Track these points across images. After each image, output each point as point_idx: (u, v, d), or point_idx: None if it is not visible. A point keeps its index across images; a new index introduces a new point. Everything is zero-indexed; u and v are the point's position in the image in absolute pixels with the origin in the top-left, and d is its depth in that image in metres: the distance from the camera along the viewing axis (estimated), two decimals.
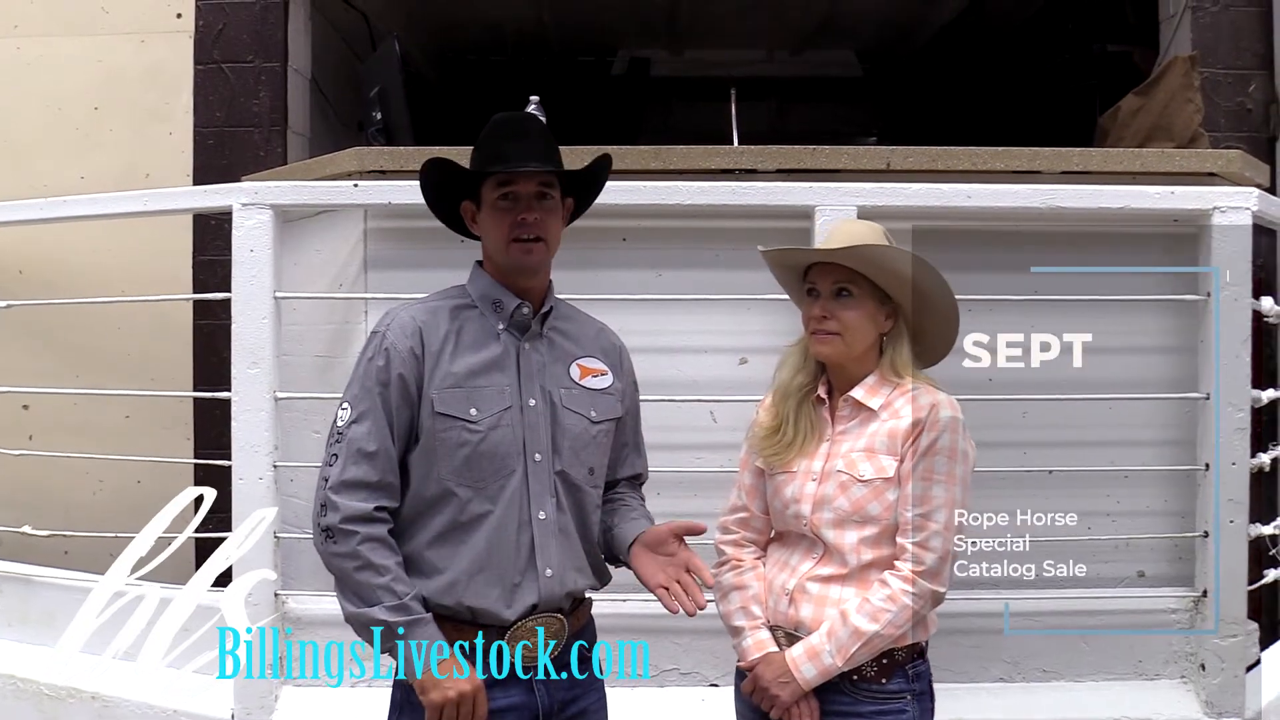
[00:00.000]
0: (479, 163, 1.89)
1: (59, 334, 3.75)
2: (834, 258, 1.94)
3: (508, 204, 1.87)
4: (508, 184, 1.86)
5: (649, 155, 2.85)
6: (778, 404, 2.02)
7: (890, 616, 1.86)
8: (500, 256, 1.89)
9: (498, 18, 5.64)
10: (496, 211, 1.87)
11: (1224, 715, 2.76)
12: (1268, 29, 3.78)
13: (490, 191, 1.88)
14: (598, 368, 1.96)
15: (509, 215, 1.86)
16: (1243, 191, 2.83)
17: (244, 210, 2.78)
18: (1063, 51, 5.28)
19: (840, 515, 1.92)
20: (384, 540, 1.81)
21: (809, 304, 1.99)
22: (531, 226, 1.86)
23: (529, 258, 1.87)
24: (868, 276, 1.94)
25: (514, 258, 1.87)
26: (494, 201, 1.87)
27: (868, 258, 1.92)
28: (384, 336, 1.86)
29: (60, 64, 3.88)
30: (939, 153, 2.89)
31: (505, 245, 1.87)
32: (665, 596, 1.84)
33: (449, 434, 1.83)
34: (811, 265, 2.00)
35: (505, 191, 1.87)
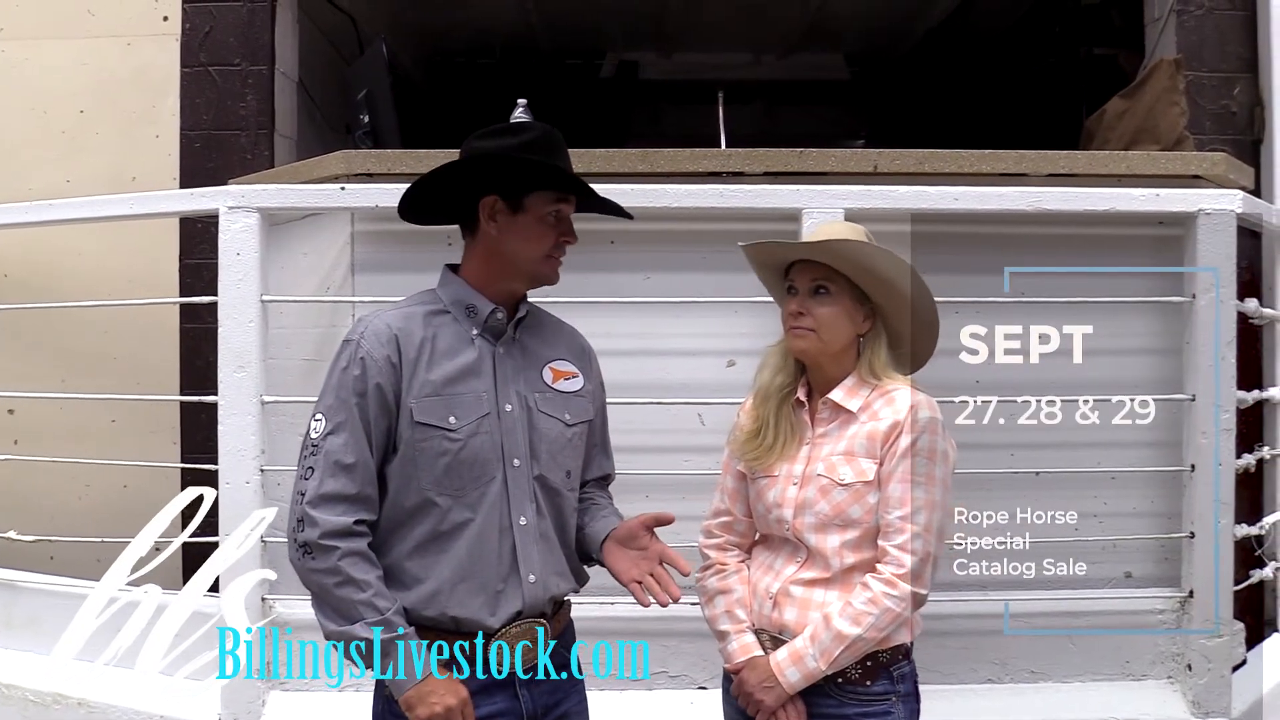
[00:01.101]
0: (547, 172, 1.87)
1: (45, 338, 3.73)
2: (811, 253, 1.96)
3: (554, 220, 1.88)
4: (562, 204, 1.89)
5: (636, 158, 2.85)
6: (758, 406, 2.02)
7: (872, 620, 1.86)
8: (530, 265, 1.89)
9: (486, 21, 5.64)
10: (544, 225, 1.88)
11: (1210, 715, 2.77)
12: (1252, 32, 3.80)
13: (545, 204, 1.87)
14: (569, 370, 1.96)
15: (555, 230, 1.88)
16: (1227, 194, 2.85)
17: (230, 213, 2.78)
18: (1049, 55, 5.30)
19: (822, 519, 1.92)
20: (364, 554, 1.78)
21: (787, 301, 2.00)
22: (567, 247, 1.91)
23: (556, 274, 1.91)
24: (846, 275, 1.94)
25: (548, 271, 1.90)
26: (545, 214, 1.87)
27: (845, 254, 1.93)
28: (359, 345, 1.83)
29: (46, 67, 3.86)
30: (926, 155, 2.90)
31: (544, 257, 1.88)
32: (639, 591, 1.84)
33: (429, 443, 1.81)
34: (792, 264, 2.00)
35: (559, 210, 1.88)
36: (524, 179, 1.87)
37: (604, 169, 2.81)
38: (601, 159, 2.86)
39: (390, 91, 3.36)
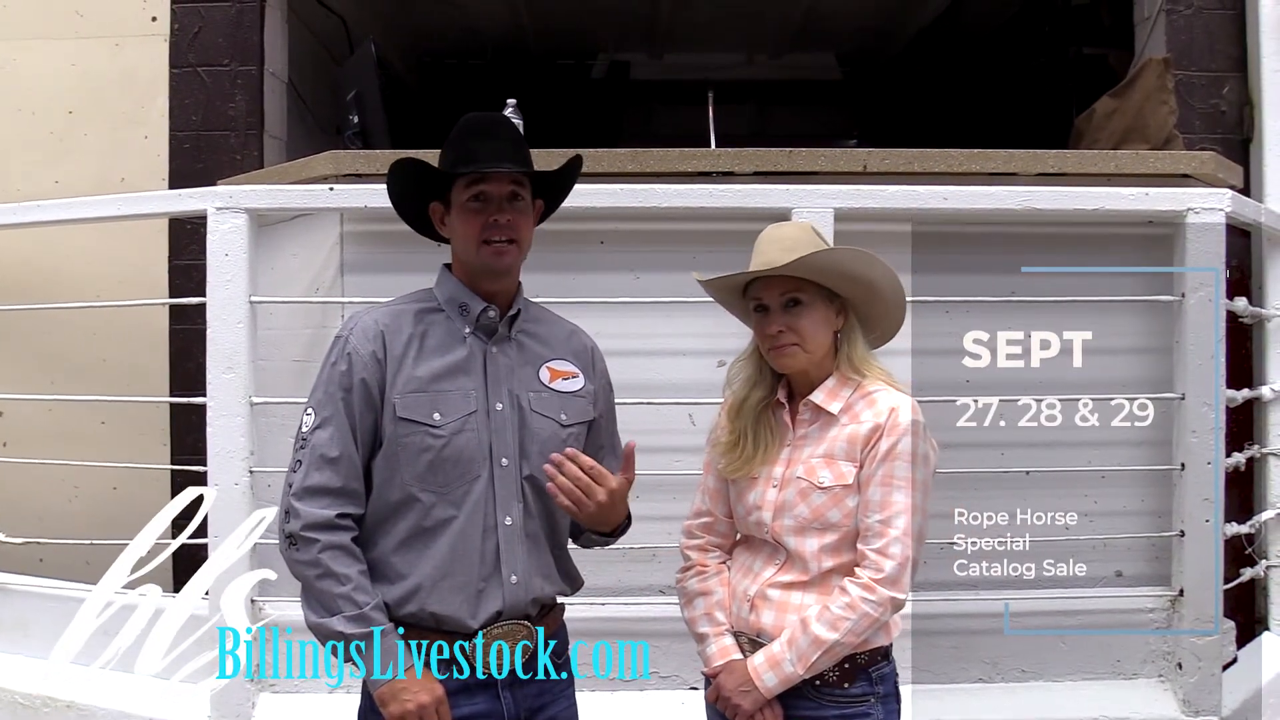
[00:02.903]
0: (449, 163, 1.87)
1: (34, 340, 3.71)
2: (784, 272, 1.90)
3: (479, 205, 1.85)
4: (479, 185, 1.84)
5: (626, 158, 2.85)
6: (733, 420, 1.99)
7: (850, 625, 1.84)
8: (471, 258, 1.87)
9: (477, 22, 5.63)
10: (467, 213, 1.85)
11: (1201, 713, 2.77)
12: (1241, 31, 3.81)
13: (461, 192, 1.86)
14: (568, 370, 1.94)
15: (480, 217, 1.84)
16: (1217, 193, 2.85)
17: (218, 214, 2.77)
18: (1039, 55, 5.31)
19: (800, 522, 1.90)
20: (346, 548, 1.78)
21: (760, 320, 1.95)
22: (504, 229, 1.84)
23: (501, 259, 1.85)
24: (814, 282, 1.91)
25: (485, 259, 1.85)
26: (465, 203, 1.85)
27: (816, 266, 1.90)
28: (346, 341, 1.84)
29: (34, 68, 3.84)
30: (915, 155, 2.90)
31: (476, 247, 1.84)
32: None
33: (411, 439, 1.81)
34: (751, 280, 1.96)
35: (477, 192, 1.84)
36: (439, 176, 1.87)
37: (593, 169, 2.80)
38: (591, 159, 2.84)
39: (379, 92, 3.35)
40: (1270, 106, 3.73)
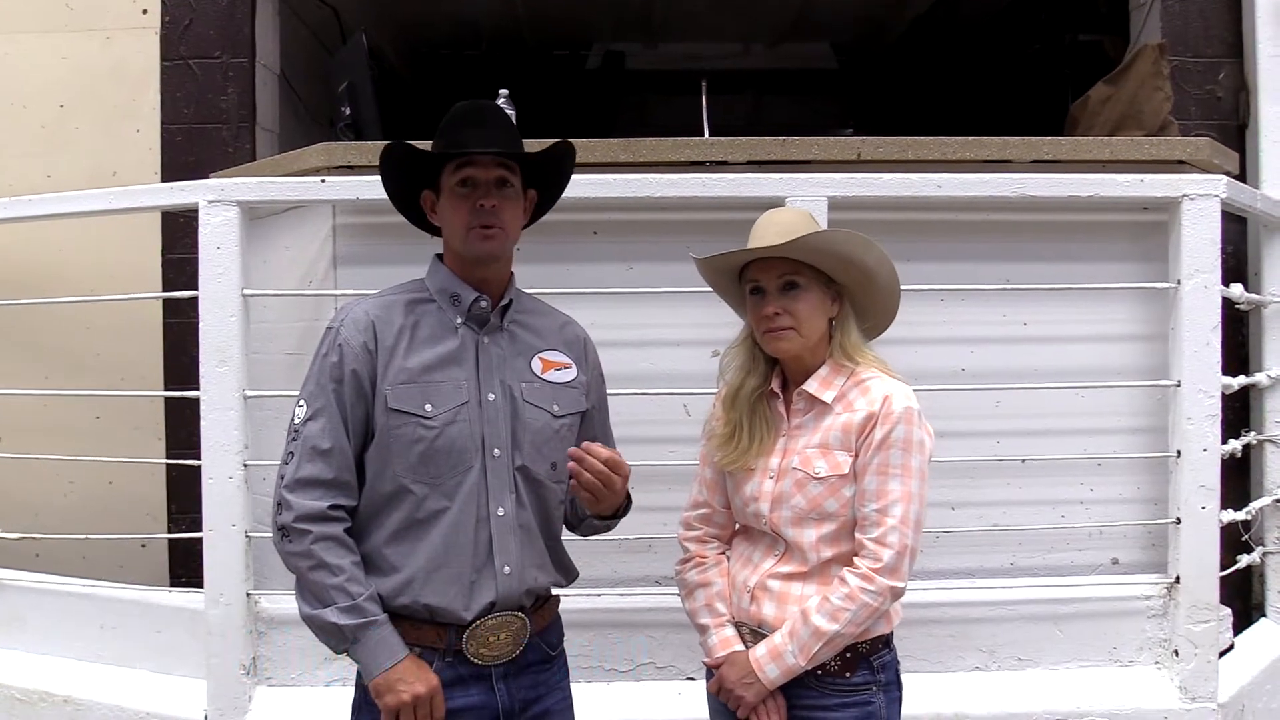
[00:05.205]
0: (438, 149, 1.87)
1: (27, 334, 3.71)
2: (783, 252, 1.90)
3: (466, 190, 1.84)
4: (467, 169, 1.84)
5: (619, 148, 2.83)
6: (728, 410, 1.98)
7: (850, 615, 1.83)
8: (459, 244, 1.86)
9: (471, 12, 5.61)
10: (455, 198, 1.85)
11: (1197, 700, 2.77)
12: (1236, 17, 3.80)
13: (449, 178, 1.86)
14: (560, 361, 1.94)
15: (468, 202, 1.84)
16: (1212, 179, 2.84)
17: (210, 207, 2.75)
18: (1035, 41, 5.30)
19: (798, 513, 1.89)
20: (338, 539, 1.78)
21: (755, 303, 1.95)
22: (490, 213, 1.83)
23: (488, 244, 1.84)
24: (812, 265, 1.91)
25: (473, 245, 1.84)
26: (453, 188, 1.85)
27: (814, 247, 1.89)
28: (338, 332, 1.84)
29: (25, 61, 3.83)
30: (909, 143, 2.88)
31: (464, 232, 1.84)
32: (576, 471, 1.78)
33: (403, 430, 1.80)
34: (749, 263, 1.96)
35: (464, 177, 1.84)
36: (427, 161, 1.87)
37: (586, 159, 2.78)
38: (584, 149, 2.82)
39: (372, 83, 3.33)
40: (1266, 92, 3.72)
